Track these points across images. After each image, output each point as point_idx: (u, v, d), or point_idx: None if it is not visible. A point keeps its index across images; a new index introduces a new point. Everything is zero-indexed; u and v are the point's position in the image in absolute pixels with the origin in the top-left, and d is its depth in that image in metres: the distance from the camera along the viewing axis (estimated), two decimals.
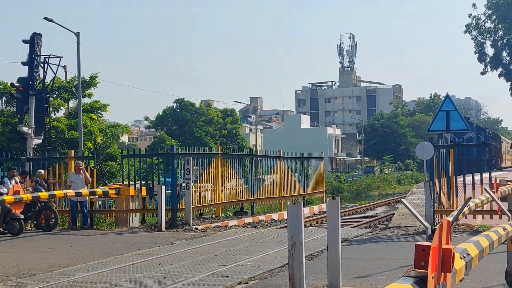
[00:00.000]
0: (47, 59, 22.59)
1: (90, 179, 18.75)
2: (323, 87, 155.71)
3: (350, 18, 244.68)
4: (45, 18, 28.66)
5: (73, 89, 32.03)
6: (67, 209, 19.10)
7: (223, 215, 21.95)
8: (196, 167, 20.19)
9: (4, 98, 29.99)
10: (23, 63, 21.82)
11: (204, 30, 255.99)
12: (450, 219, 9.77)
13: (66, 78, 34.47)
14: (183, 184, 18.49)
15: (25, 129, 21.44)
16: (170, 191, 18.93)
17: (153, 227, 17.64)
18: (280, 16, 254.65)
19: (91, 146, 29.62)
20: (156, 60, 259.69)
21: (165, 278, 9.89)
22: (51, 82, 24.42)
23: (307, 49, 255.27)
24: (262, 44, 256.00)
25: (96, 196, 19.08)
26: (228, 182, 22.19)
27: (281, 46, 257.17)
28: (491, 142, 38.65)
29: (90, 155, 22.87)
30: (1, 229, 16.58)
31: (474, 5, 58.02)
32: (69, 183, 18.41)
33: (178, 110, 70.11)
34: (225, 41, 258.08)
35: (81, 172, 18.44)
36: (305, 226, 13.34)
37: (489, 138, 45.71)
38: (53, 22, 28.90)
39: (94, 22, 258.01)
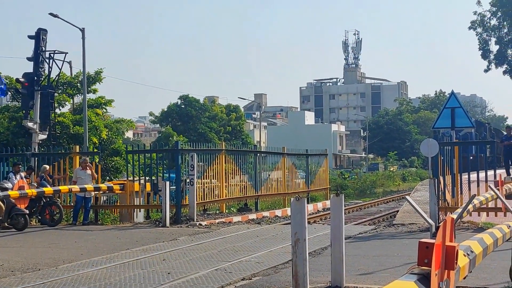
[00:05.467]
0: (52, 55, 22.60)
1: (96, 175, 18.81)
2: (328, 84, 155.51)
3: (355, 15, 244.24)
4: (51, 14, 28.68)
5: (78, 85, 32.08)
6: (72, 204, 19.16)
7: (227, 211, 21.97)
8: (201, 163, 20.22)
9: (9, 93, 30.02)
10: (29, 59, 21.85)
11: (209, 26, 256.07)
12: (454, 216, 9.78)
13: (71, 74, 34.49)
14: (187, 180, 18.51)
15: (30, 124, 21.49)
16: (175, 187, 18.96)
17: (157, 222, 17.69)
18: (285, 12, 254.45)
19: (96, 142, 29.67)
20: (161, 55, 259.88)
21: (169, 273, 9.92)
22: (56, 77, 24.43)
23: (312, 45, 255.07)
24: (266, 40, 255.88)
25: (101, 192, 19.13)
26: (232, 178, 22.21)
27: (285, 42, 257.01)
28: (494, 139, 38.36)
29: (95, 150, 22.89)
30: (6, 224, 16.65)
31: (479, 2, 57.81)
32: (75, 178, 18.46)
33: (182, 106, 70.09)
34: (229, 37, 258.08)
35: (88, 168, 18.50)
36: (308, 222, 13.34)
37: (493, 135, 45.28)
38: (58, 17, 28.93)
39: (99, 18, 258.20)
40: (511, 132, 22.76)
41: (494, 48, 59.27)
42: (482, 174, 16.71)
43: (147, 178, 19.40)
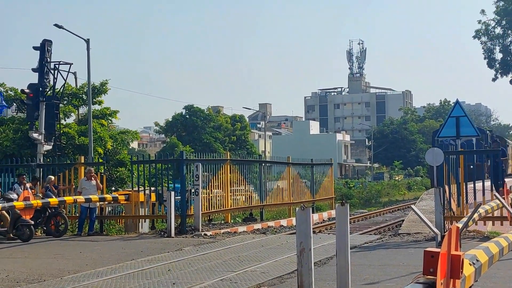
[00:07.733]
0: (57, 66, 22.72)
1: (101, 185, 18.84)
2: (333, 93, 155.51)
3: (359, 24, 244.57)
4: (56, 25, 28.83)
5: (83, 96, 32.17)
6: (77, 215, 19.17)
7: (232, 221, 21.95)
8: (206, 173, 20.22)
9: (14, 104, 30.16)
10: (34, 70, 21.95)
11: (213, 36, 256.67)
12: (460, 225, 9.75)
13: (76, 85, 34.59)
14: (192, 190, 18.52)
15: (35, 135, 21.55)
16: (180, 197, 18.96)
17: (162, 233, 17.68)
18: (289, 21, 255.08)
19: (101, 152, 29.72)
20: (166, 66, 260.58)
21: (174, 284, 9.90)
22: (61, 88, 24.55)
23: (316, 55, 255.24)
24: (271, 49, 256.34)
25: (106, 202, 19.15)
26: (237, 187, 22.19)
27: (290, 52, 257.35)
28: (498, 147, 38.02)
29: (100, 161, 22.93)
30: (11, 235, 16.66)
31: (483, 11, 57.87)
32: (80, 189, 18.49)
33: (187, 116, 70.23)
34: (233, 47, 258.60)
35: (93, 178, 18.53)
36: (314, 232, 13.32)
37: (498, 143, 44.91)
38: (63, 29, 29.06)
39: (104, 29, 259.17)
40: (499, 146, 22.61)
41: (498, 56, 59.28)
42: (483, 183, 16.65)
43: (152, 188, 19.40)
